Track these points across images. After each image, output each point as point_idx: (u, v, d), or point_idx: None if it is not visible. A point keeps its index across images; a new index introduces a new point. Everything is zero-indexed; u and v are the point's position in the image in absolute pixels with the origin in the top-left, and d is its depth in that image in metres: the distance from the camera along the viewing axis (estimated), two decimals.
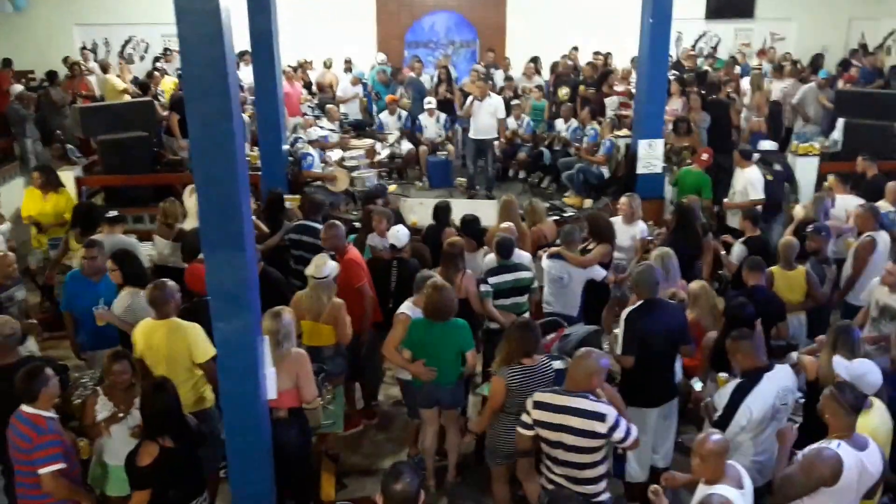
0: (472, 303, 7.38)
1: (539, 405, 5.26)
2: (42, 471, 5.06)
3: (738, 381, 5.69)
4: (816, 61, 16.89)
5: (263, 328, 5.64)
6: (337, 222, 7.86)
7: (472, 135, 13.06)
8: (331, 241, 7.66)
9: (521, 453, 5.80)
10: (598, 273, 8.06)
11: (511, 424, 5.80)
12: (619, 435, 5.12)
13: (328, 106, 14.60)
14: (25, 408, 5.19)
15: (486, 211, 9.79)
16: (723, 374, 6.20)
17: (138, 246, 8.43)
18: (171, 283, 6.30)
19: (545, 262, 8.14)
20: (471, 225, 8.35)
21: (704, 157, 10.74)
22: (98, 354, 7.03)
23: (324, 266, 6.98)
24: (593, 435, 5.10)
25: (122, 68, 16.70)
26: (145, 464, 5.03)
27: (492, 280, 7.47)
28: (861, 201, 9.17)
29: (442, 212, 8.95)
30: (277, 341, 5.79)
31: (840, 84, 14.69)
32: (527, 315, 7.64)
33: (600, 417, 5.10)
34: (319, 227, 8.21)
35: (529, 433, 5.34)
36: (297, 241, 8.62)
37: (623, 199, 8.98)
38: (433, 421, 6.84)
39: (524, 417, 5.35)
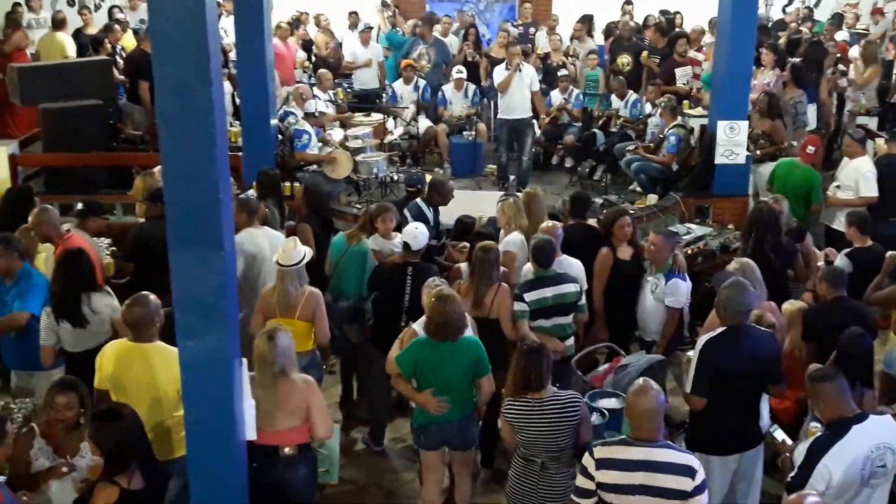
0: (503, 325, 7.37)
1: (605, 463, 5.14)
2: None
3: (819, 433, 5.62)
4: None
5: (256, 355, 5.64)
6: (48, 206, 7.95)
7: (503, 114, 12.95)
8: (39, 227, 7.75)
9: None
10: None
11: (520, 468, 5.97)
12: (703, 499, 5.07)
13: (320, 71, 14.44)
14: None
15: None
16: (814, 424, 6.10)
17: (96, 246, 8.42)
18: (152, 298, 6.18)
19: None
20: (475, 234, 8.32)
21: (811, 149, 10.42)
22: (35, 376, 7.07)
23: (293, 250, 7.09)
24: (680, 495, 5.05)
25: (85, 20, 16.59)
26: None
27: (528, 296, 7.41)
28: None
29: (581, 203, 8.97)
30: (275, 373, 5.80)
31: None
32: (571, 340, 7.64)
33: (689, 472, 5.08)
34: None
35: (588, 502, 5.22)
36: None
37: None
38: (437, 467, 6.80)
39: (581, 482, 5.24)
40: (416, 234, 7.78)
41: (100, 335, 6.86)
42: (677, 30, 15.96)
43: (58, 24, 15.68)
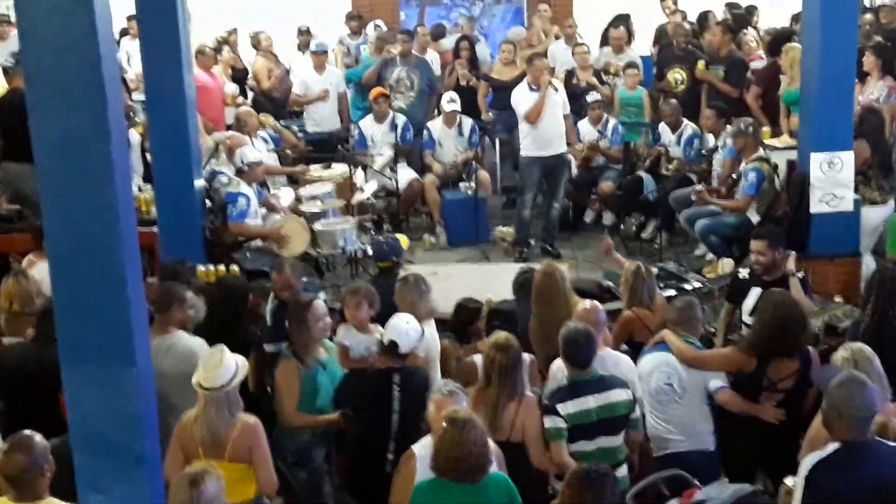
0: (531, 451, 7.39)
1: None
2: None
3: None
4: None
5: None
6: None
7: (533, 151, 12.95)
8: None
9: None
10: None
11: None
12: None
13: (239, 110, 14.38)
14: None
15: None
16: None
17: None
18: (38, 439, 6.11)
19: (643, 362, 8.13)
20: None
21: None
22: None
23: (220, 368, 6.97)
24: None
25: None
26: None
27: (564, 408, 7.39)
28: None
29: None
30: None
31: None
32: (625, 469, 7.56)
33: None
34: None
35: None
36: None
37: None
38: None
39: None
40: (409, 329, 7.79)
41: None
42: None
43: None
